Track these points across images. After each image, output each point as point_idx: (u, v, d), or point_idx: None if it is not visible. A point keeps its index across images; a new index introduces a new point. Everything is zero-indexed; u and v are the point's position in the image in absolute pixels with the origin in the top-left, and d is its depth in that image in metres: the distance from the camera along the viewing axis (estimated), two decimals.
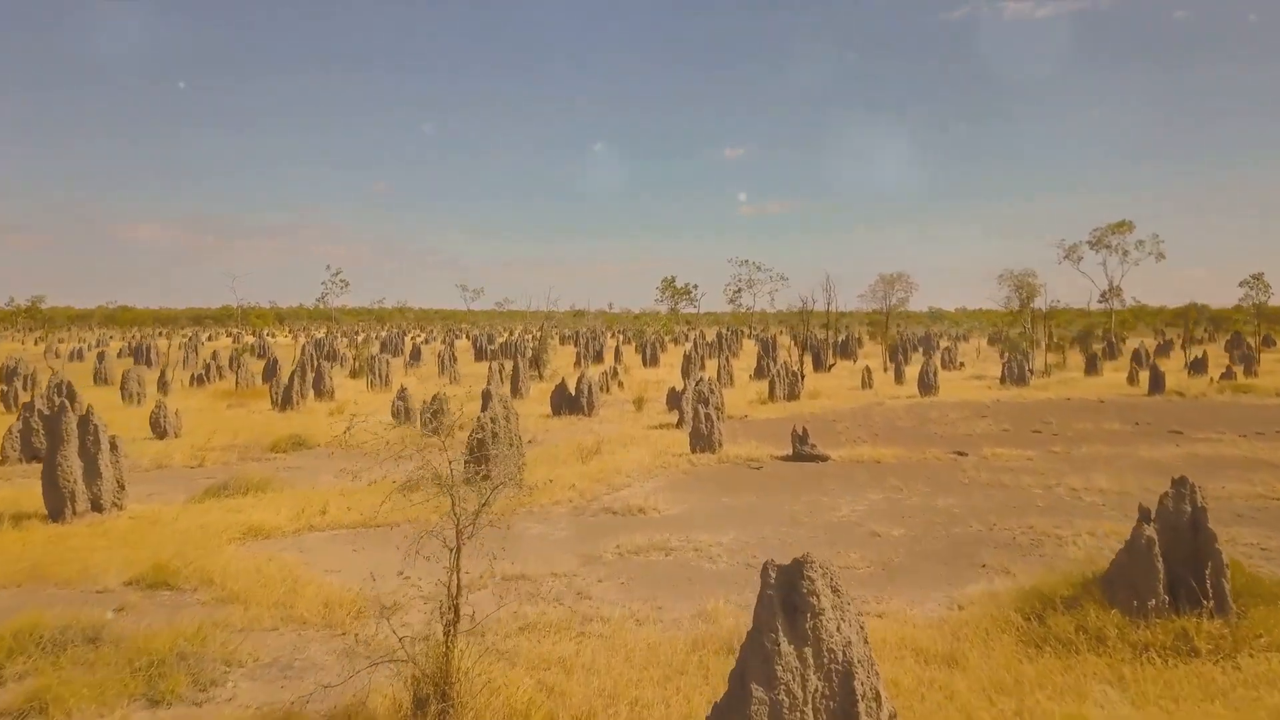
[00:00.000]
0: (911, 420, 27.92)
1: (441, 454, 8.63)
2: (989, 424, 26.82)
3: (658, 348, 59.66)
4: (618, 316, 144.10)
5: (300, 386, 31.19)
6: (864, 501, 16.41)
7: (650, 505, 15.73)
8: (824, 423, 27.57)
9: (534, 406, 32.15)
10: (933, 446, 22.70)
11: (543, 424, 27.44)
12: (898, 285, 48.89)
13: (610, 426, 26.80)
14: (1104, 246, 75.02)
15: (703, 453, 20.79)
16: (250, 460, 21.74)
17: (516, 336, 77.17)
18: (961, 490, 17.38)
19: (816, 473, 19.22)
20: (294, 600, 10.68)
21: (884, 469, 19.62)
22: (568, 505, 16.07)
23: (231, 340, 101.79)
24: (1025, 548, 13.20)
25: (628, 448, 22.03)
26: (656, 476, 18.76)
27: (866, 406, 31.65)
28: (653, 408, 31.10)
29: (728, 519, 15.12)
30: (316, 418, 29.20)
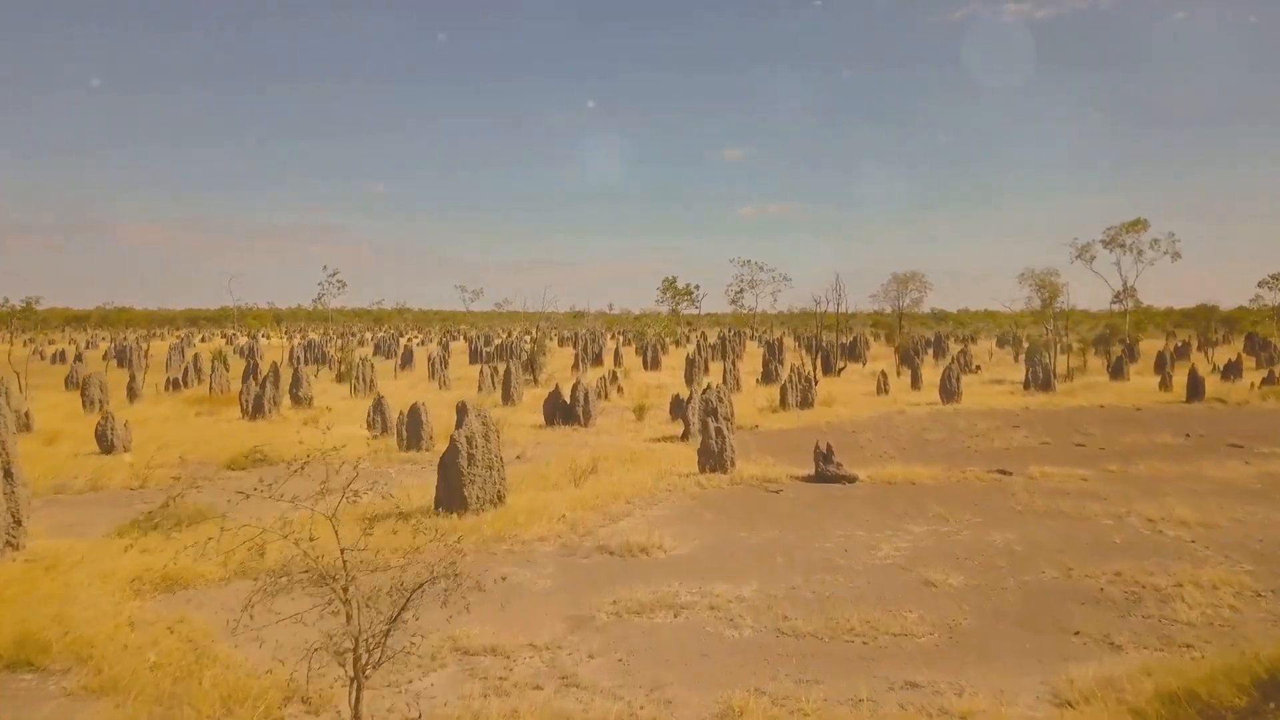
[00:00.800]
0: (939, 431, 25.27)
1: (340, 526, 5.98)
2: (1025, 436, 24.17)
3: (659, 350, 57.05)
4: (618, 318, 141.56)
5: (273, 394, 28.56)
6: (906, 536, 13.76)
7: (654, 542, 13.08)
8: (843, 434, 24.93)
9: (526, 415, 29.51)
10: (970, 463, 20.08)
11: (534, 436, 24.80)
12: (911, 285, 46.33)
13: (608, 439, 24.15)
14: (1118, 246, 72.51)
15: (713, 472, 18.14)
16: (201, 480, 19.11)
17: (514, 338, 74.52)
18: (1017, 521, 14.73)
19: (844, 497, 16.57)
20: (187, 692, 8.05)
21: (921, 492, 16.98)
22: (556, 542, 13.42)
23: (225, 342, 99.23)
24: (1121, 605, 10.55)
25: (627, 466, 19.40)
26: (661, 503, 16.12)
27: (886, 415, 29.01)
28: (655, 416, 28.47)
29: (748, 561, 12.47)
30: (288, 428, 26.56)
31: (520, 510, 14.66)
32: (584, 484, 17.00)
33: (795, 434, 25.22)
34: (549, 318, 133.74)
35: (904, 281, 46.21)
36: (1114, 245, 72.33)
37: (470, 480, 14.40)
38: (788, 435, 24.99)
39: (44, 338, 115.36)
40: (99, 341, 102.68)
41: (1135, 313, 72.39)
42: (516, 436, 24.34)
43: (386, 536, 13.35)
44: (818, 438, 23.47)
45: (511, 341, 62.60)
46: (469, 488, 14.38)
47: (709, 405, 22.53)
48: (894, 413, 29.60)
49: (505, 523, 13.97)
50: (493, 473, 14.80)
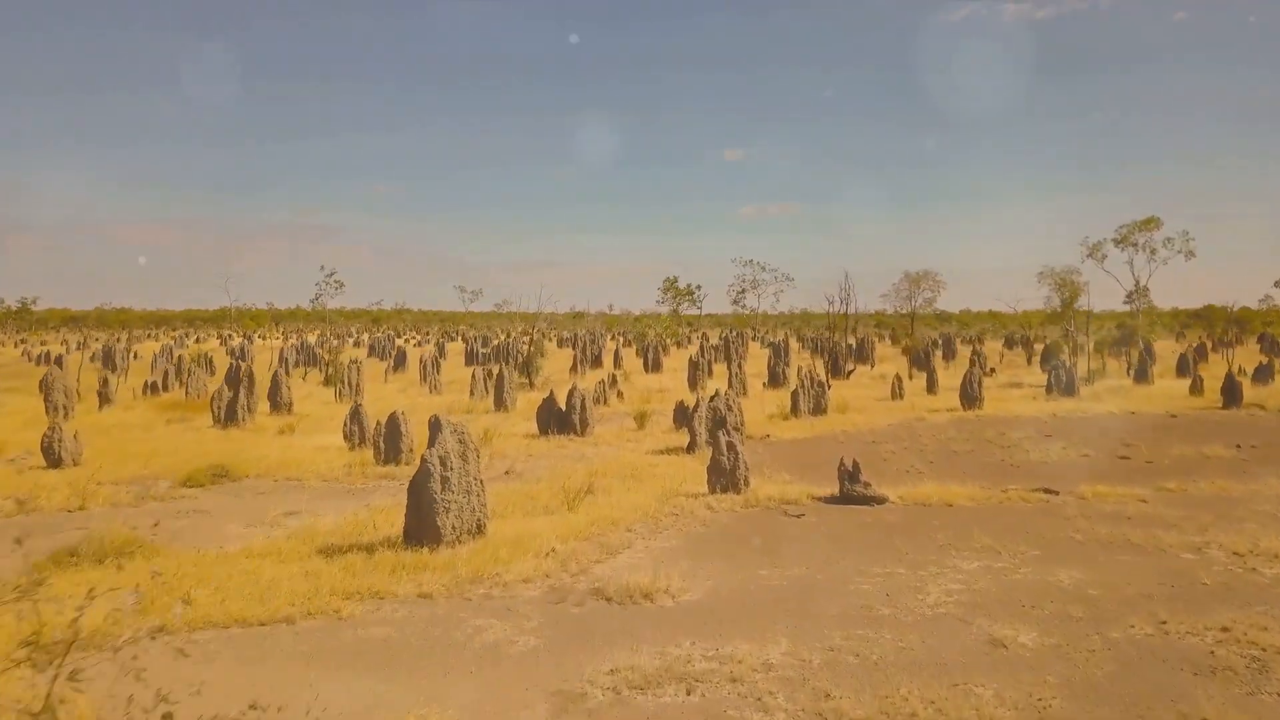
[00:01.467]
0: (967, 442, 23.11)
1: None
2: (1062, 447, 22.01)
3: (660, 351, 54.89)
4: (618, 318, 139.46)
5: (248, 400, 26.41)
6: (957, 575, 11.60)
7: (659, 585, 10.92)
8: (863, 445, 22.77)
9: (519, 423, 27.35)
10: (1009, 480, 17.94)
11: (526, 447, 22.62)
12: (924, 284, 44.12)
13: (607, 450, 22.00)
14: (1130, 244, 70.55)
15: (724, 493, 15.98)
16: (150, 500, 16.95)
17: (512, 339, 72.25)
18: (1081, 554, 12.58)
19: (875, 523, 14.42)
20: None
21: (961, 516, 14.82)
22: (543, 583, 11.26)
23: (219, 343, 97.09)
24: (1244, 676, 8.39)
25: (628, 484, 17.25)
26: (666, 530, 13.96)
27: (906, 423, 26.84)
28: (657, 424, 26.31)
29: (772, 609, 10.32)
30: (261, 437, 24.43)
31: (503, 542, 12.50)
32: (578, 508, 14.84)
33: (810, 445, 23.06)
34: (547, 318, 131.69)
35: (916, 280, 44.07)
36: (1126, 244, 70.48)
37: (444, 508, 12.25)
38: (802, 446, 22.83)
39: (37, 338, 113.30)
40: (91, 342, 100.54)
41: (1146, 313, 70.36)
42: (507, 448, 22.18)
43: (342, 576, 11.21)
44: (836, 449, 21.36)
45: (509, 343, 60.44)
46: (443, 517, 12.23)
47: (717, 415, 20.38)
48: (914, 420, 27.43)
49: (485, 558, 11.82)
50: (471, 498, 12.64)
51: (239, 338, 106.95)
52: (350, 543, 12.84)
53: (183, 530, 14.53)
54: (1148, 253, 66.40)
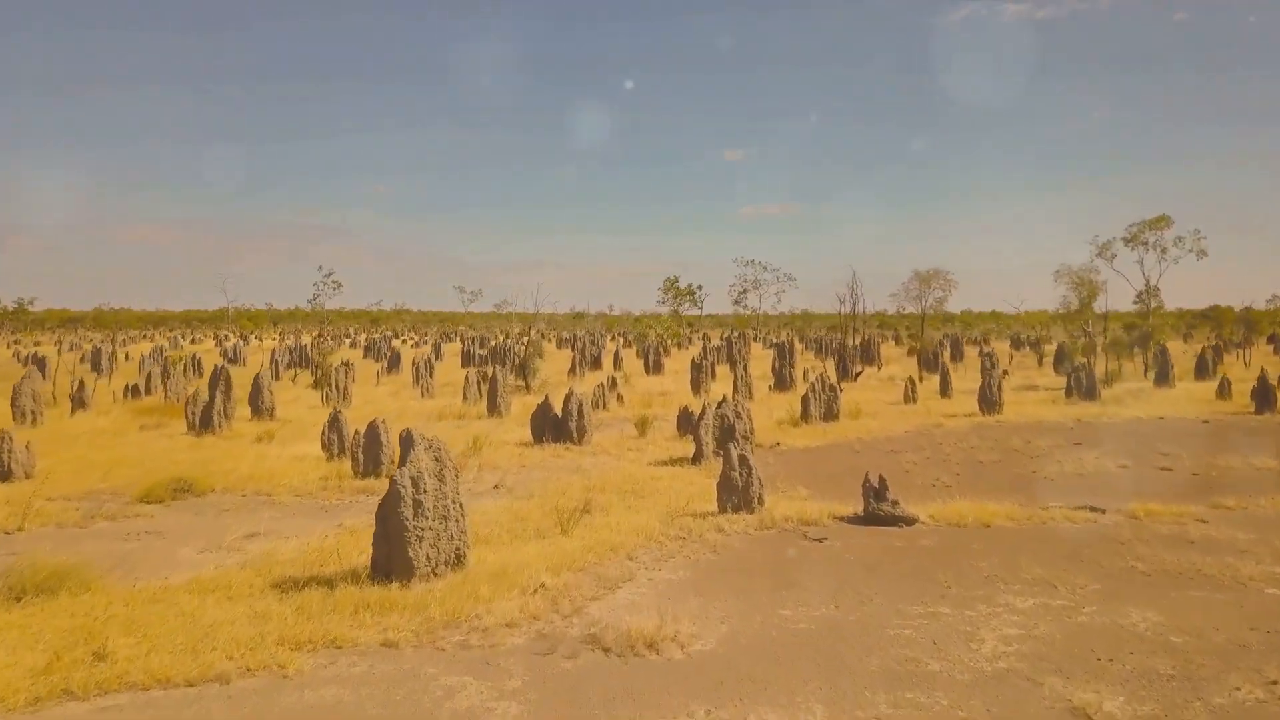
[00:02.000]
0: (992, 451, 21.41)
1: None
2: (1096, 457, 20.31)
3: (661, 352, 53.21)
4: (618, 319, 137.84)
5: (224, 405, 24.72)
6: (1012, 616, 9.91)
7: (666, 631, 9.23)
8: (881, 454, 21.10)
9: (512, 429, 25.65)
10: (1045, 495, 16.26)
11: (519, 457, 20.92)
12: (934, 283, 42.32)
13: (606, 461, 20.30)
14: (1140, 243, 68.67)
15: (736, 512, 14.28)
16: (100, 519, 15.25)
17: (510, 339, 70.52)
18: (1149, 589, 10.89)
19: (908, 548, 12.73)
20: None
21: (1003, 540, 13.14)
22: (530, 628, 9.56)
23: (215, 344, 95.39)
24: None
25: (628, 500, 15.57)
26: (672, 558, 12.26)
27: (924, 429, 25.16)
28: (660, 431, 24.61)
29: (801, 664, 8.63)
30: (237, 446, 22.74)
31: (486, 575, 10.81)
32: (573, 531, 13.15)
33: (824, 454, 21.37)
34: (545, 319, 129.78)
35: (926, 279, 42.24)
36: (1136, 243, 68.55)
37: (417, 536, 10.56)
38: (816, 455, 21.14)
39: (31, 339, 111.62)
40: (85, 344, 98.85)
41: (1156, 314, 68.57)
42: (498, 458, 20.48)
43: (295, 619, 9.52)
44: (852, 459, 19.71)
45: (506, 344, 58.74)
46: (415, 547, 10.54)
47: (725, 423, 18.69)
48: (931, 426, 25.74)
49: (463, 596, 10.13)
50: (449, 524, 10.95)
51: (235, 338, 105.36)
52: (311, 574, 11.17)
53: (129, 556, 12.84)
54: (1158, 252, 64.42)
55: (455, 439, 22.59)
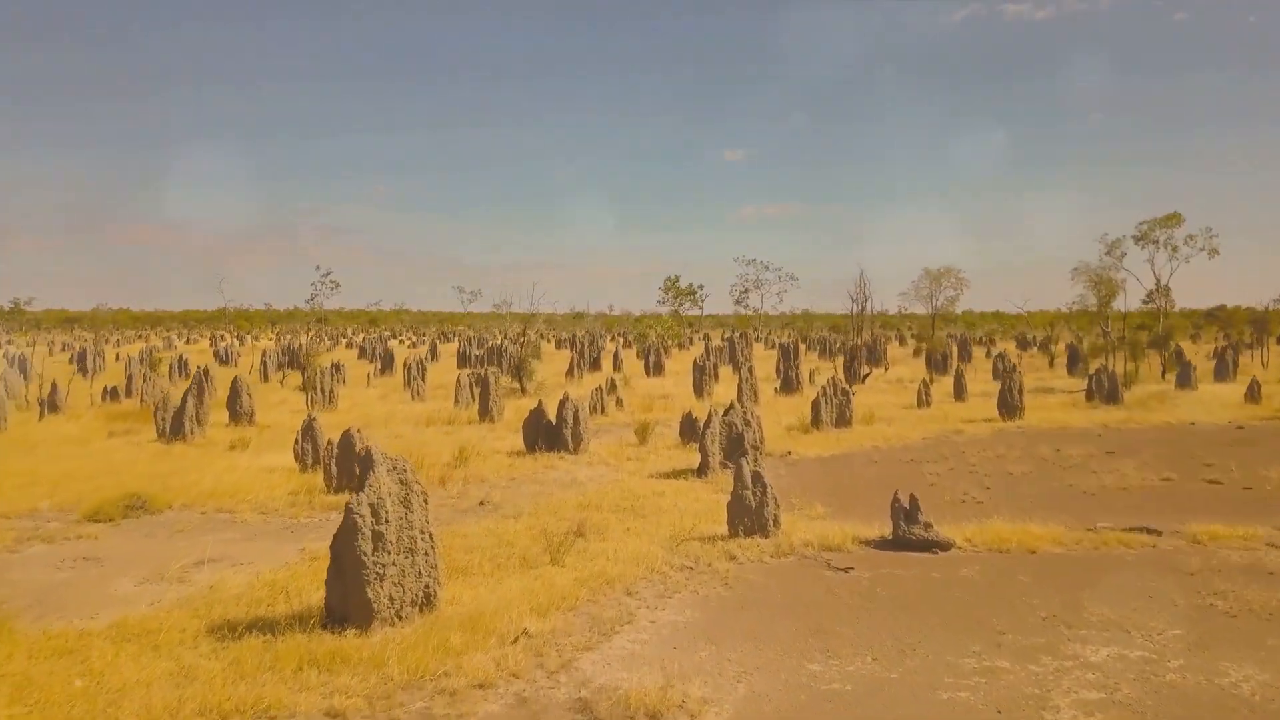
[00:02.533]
0: (1021, 460, 19.72)
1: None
2: (1135, 469, 18.62)
3: (662, 353, 51.52)
4: (618, 319, 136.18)
5: (197, 410, 23.04)
6: (1085, 675, 8.22)
7: (673, 696, 7.57)
8: (900, 464, 19.44)
9: (504, 436, 23.97)
10: (1089, 513, 14.60)
11: (509, 468, 19.21)
12: (945, 281, 40.50)
13: (603, 473, 18.62)
14: (1150, 242, 67.03)
15: (750, 536, 12.60)
16: (37, 541, 13.58)
17: (508, 339, 68.89)
18: (1240, 635, 9.21)
19: (949, 580, 11.04)
20: None
21: (1055, 570, 11.46)
22: (506, 690, 7.87)
23: (210, 344, 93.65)
24: None
25: (628, 520, 13.88)
26: (678, 594, 10.58)
27: (943, 436, 23.49)
28: (661, 438, 22.93)
29: None
30: (207, 455, 21.07)
31: (459, 619, 9.13)
32: (564, 560, 11.47)
33: (840, 464, 19.69)
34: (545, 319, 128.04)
35: (936, 278, 40.47)
36: (1146, 241, 66.92)
37: (377, 574, 8.88)
38: (831, 466, 19.46)
39: (25, 339, 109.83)
40: (77, 343, 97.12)
41: (1168, 314, 66.94)
42: (486, 469, 18.79)
43: (225, 680, 7.84)
44: (870, 470, 18.05)
45: (502, 345, 57.05)
46: (375, 586, 8.86)
47: (733, 431, 17.03)
48: (950, 433, 24.06)
49: (430, 647, 8.44)
50: (416, 559, 9.27)
51: (230, 339, 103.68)
52: (256, 615, 9.49)
53: (55, 589, 11.17)
54: (1169, 250, 62.82)
55: (442, 447, 20.95)
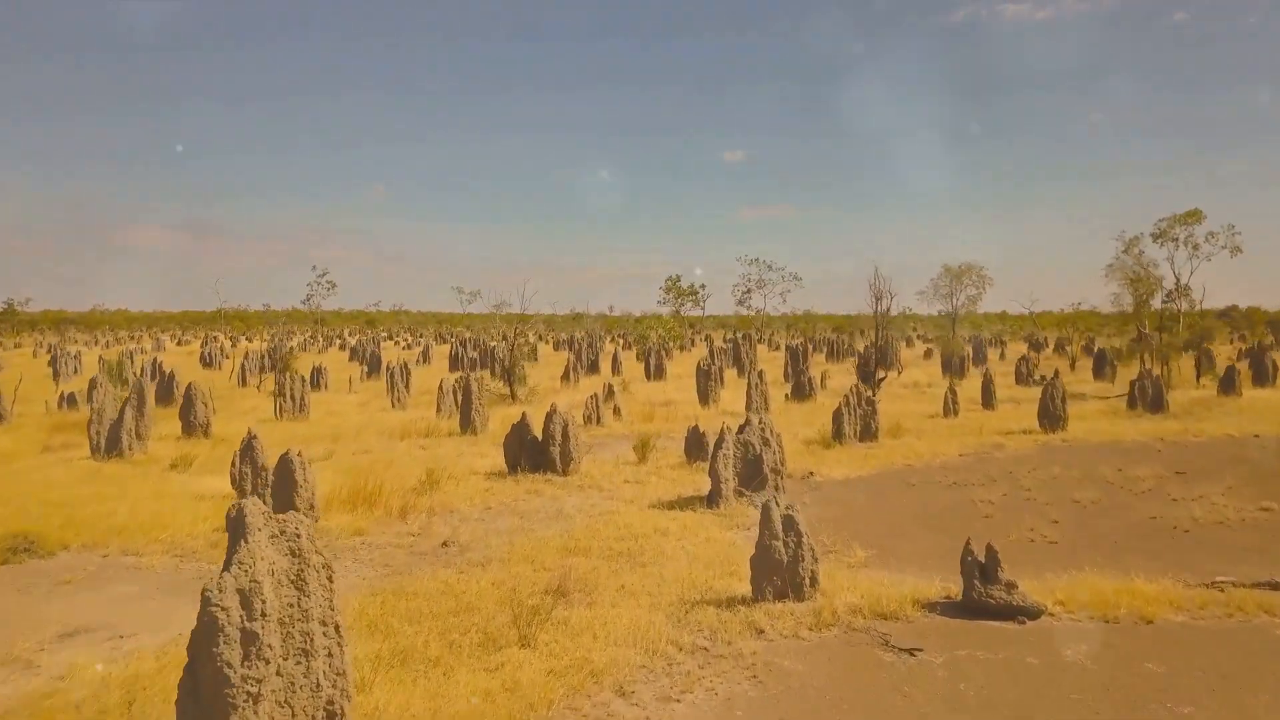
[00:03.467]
0: (1083, 484, 16.78)
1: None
2: (1221, 495, 15.66)
3: (663, 355, 48.59)
4: (619, 320, 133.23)
5: (136, 423, 20.14)
6: None
7: None
8: (943, 487, 16.54)
9: (486, 453, 21.01)
10: (1197, 559, 11.68)
11: (483, 494, 16.25)
12: (966, 279, 37.43)
13: (595, 501, 15.67)
14: (1170, 239, 64.03)
15: (781, 600, 9.66)
16: None
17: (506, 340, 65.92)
18: None
19: (1054, 672, 8.11)
20: None
21: (1189, 650, 8.54)
22: None
23: (201, 345, 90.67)
24: None
25: (623, 574, 10.95)
26: (689, 694, 7.66)
27: (983, 452, 20.55)
28: (664, 455, 20.01)
29: None
30: (140, 475, 18.17)
31: None
32: (538, 638, 8.54)
33: (872, 488, 16.76)
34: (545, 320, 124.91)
35: (958, 275, 37.40)
36: (1165, 239, 63.91)
37: (248, 695, 5.96)
38: (862, 490, 16.53)
39: (13, 340, 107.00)
40: (69, 344, 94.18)
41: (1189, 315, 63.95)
42: (458, 497, 15.84)
43: None
44: (910, 496, 15.17)
45: (493, 347, 54.10)
46: (245, 711, 5.93)
47: (750, 453, 14.15)
48: (990, 448, 21.13)
49: None
50: (312, 665, 6.34)
51: (224, 339, 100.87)
52: None
53: None
54: (1189, 248, 59.84)
55: (412, 467, 18.06)
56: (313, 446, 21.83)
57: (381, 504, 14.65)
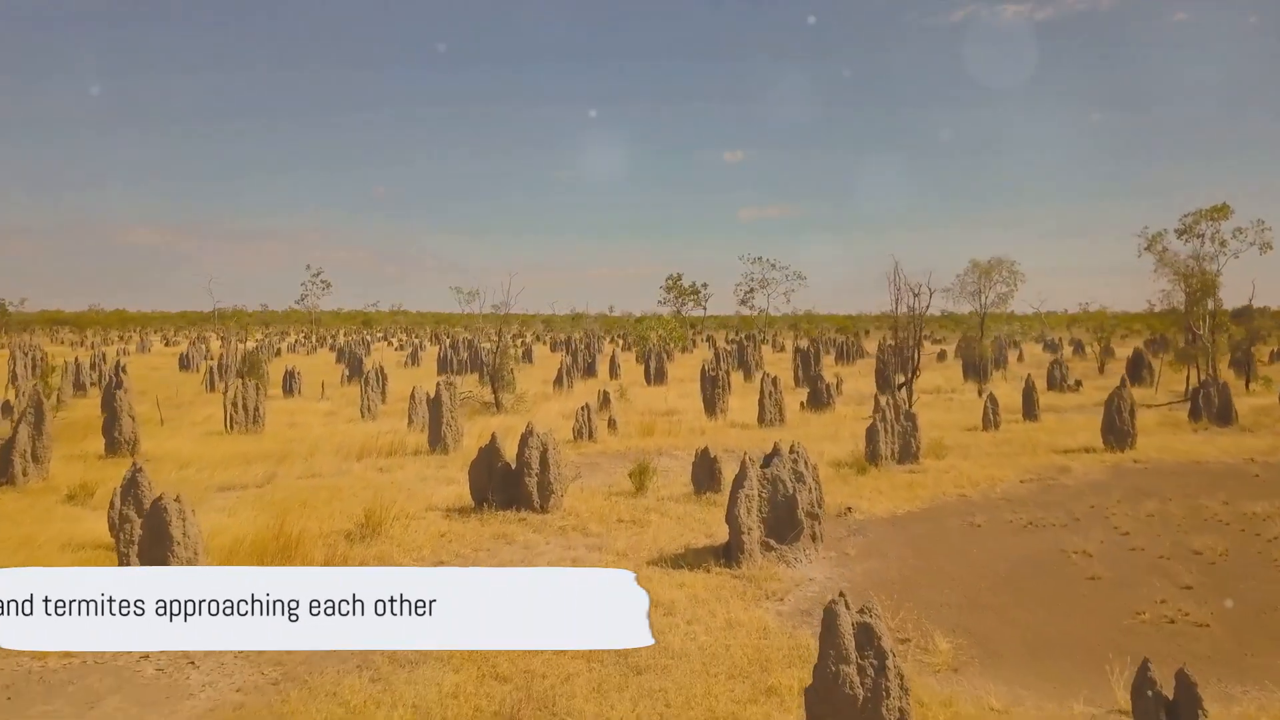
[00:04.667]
0: (1196, 526, 13.20)
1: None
2: None
3: (664, 358, 45.03)
4: (618, 320, 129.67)
5: (33, 444, 16.61)
6: None
7: None
8: (1016, 529, 12.98)
9: (455, 478, 17.40)
10: None
11: (435, 542, 12.60)
12: (996, 275, 33.89)
13: (578, 553, 12.07)
14: (1195, 235, 60.51)
15: None
16: None
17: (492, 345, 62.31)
18: None
19: None
20: None
21: None
22: None
23: (188, 344, 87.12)
24: None
25: (606, 695, 7.38)
26: None
27: (1047, 477, 17.01)
28: (667, 482, 16.45)
29: None
30: (27, 511, 14.58)
31: None
32: None
33: (927, 529, 13.19)
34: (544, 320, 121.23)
35: (986, 271, 33.84)
36: (1191, 235, 60.40)
37: None
38: (916, 534, 12.97)
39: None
40: (59, 345, 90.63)
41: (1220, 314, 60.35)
42: (400, 547, 12.20)
43: None
44: (977, 540, 11.59)
45: (487, 348, 50.47)
46: None
47: (780, 493, 10.69)
48: (1054, 471, 17.59)
49: None
50: None
51: (216, 340, 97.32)
52: None
53: None
54: (1216, 244, 56.19)
55: (357, 499, 14.53)
56: (254, 468, 18.33)
57: (300, 557, 11.12)
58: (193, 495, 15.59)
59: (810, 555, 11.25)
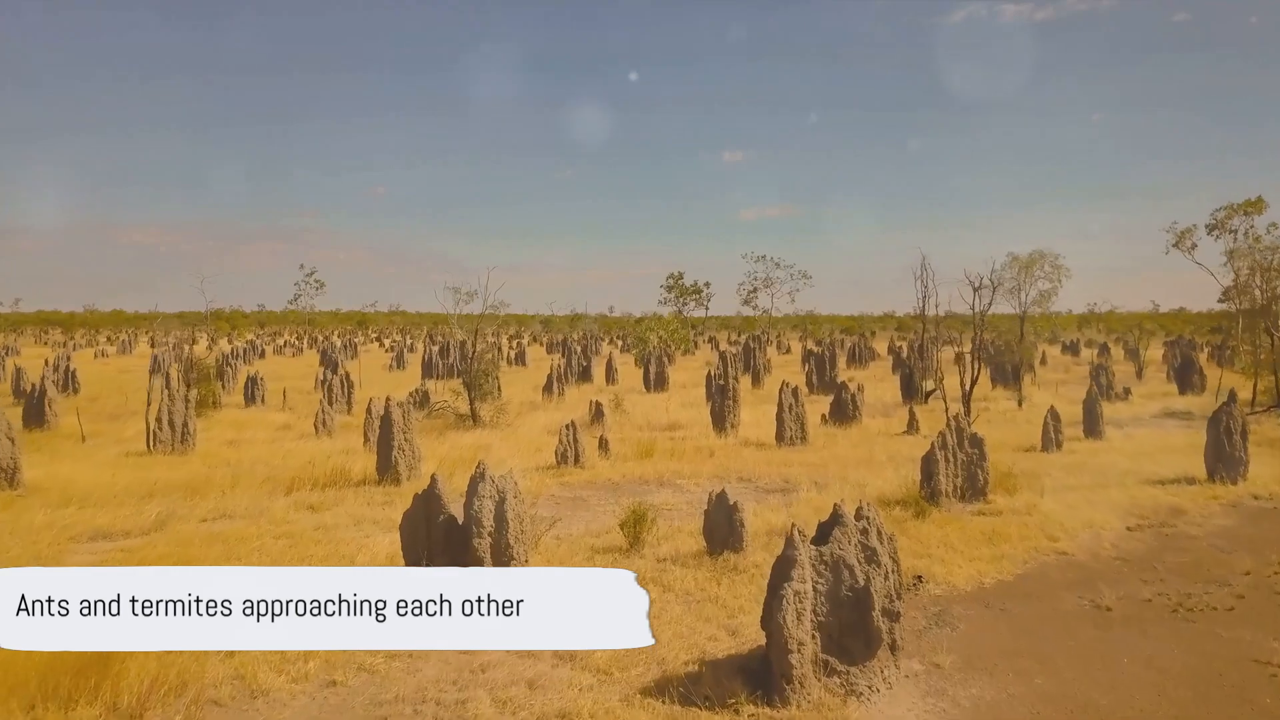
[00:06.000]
0: None
1: None
2: None
3: (665, 362, 41.03)
4: (618, 320, 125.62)
5: None
6: None
7: None
8: (1163, 615, 8.96)
9: (393, 524, 13.42)
10: None
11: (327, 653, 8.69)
12: (1037, 270, 29.79)
13: (539, 670, 8.05)
14: (1227, 231, 56.46)
15: None
16: None
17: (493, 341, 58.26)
18: None
19: None
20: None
21: None
22: None
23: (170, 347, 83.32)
24: None
25: None
26: None
27: (1161, 522, 13.03)
28: (671, 533, 12.51)
29: None
30: None
31: None
32: None
33: (1037, 618, 9.21)
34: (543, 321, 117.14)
35: (1027, 266, 29.79)
36: (1222, 230, 56.38)
37: None
38: (1024, 623, 9.00)
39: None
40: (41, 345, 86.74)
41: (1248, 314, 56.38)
42: (272, 663, 8.27)
43: None
44: (1109, 635, 7.48)
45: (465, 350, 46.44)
46: None
47: (845, 586, 6.90)
48: (1164, 514, 13.60)
49: None
50: None
51: (207, 341, 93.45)
52: None
53: None
54: (1250, 240, 52.18)
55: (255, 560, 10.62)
56: (152, 506, 14.38)
57: (111, 684, 7.15)
58: (45, 553, 11.66)
59: (889, 677, 7.29)
